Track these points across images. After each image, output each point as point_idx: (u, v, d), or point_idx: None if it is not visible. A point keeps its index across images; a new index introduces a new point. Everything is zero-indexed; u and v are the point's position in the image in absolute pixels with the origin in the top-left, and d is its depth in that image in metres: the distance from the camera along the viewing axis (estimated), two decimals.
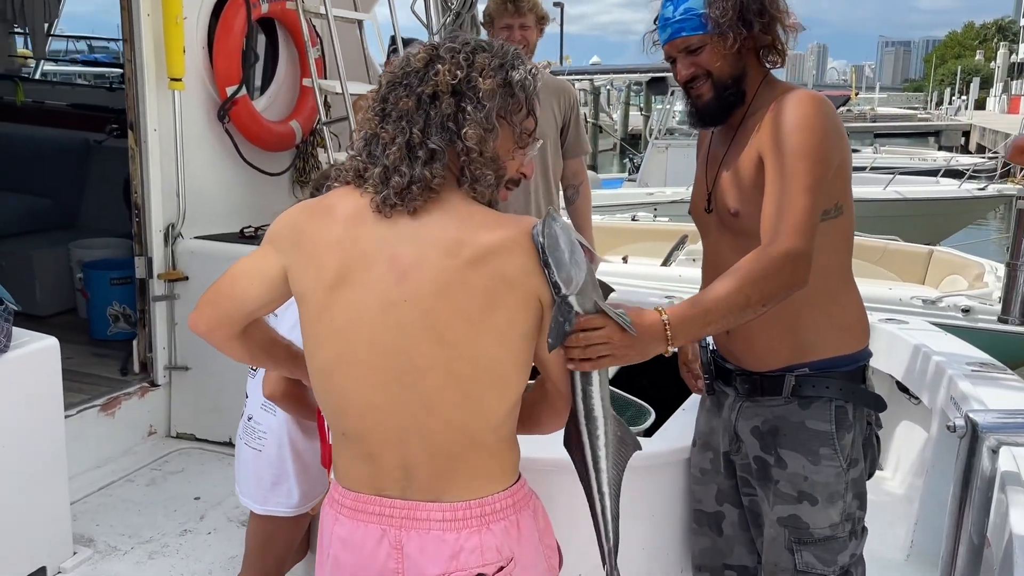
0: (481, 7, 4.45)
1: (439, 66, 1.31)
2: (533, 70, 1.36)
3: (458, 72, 1.30)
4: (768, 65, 1.75)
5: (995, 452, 1.87)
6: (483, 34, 4.57)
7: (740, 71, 1.70)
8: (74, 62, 10.00)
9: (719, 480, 1.92)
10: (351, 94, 3.52)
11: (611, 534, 1.43)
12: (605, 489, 1.41)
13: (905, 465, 3.27)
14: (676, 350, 1.75)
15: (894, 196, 10.91)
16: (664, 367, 2.59)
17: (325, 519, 1.45)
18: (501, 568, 1.35)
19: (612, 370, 2.49)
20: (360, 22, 4.01)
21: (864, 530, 1.82)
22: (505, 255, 1.29)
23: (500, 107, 1.31)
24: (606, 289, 1.41)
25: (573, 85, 3.95)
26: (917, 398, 3.06)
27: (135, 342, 3.81)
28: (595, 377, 1.37)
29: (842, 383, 1.72)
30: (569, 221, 1.38)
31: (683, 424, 2.14)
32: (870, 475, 1.84)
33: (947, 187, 12.23)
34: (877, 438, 1.84)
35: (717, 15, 1.63)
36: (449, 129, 1.30)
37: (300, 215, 1.41)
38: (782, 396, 1.74)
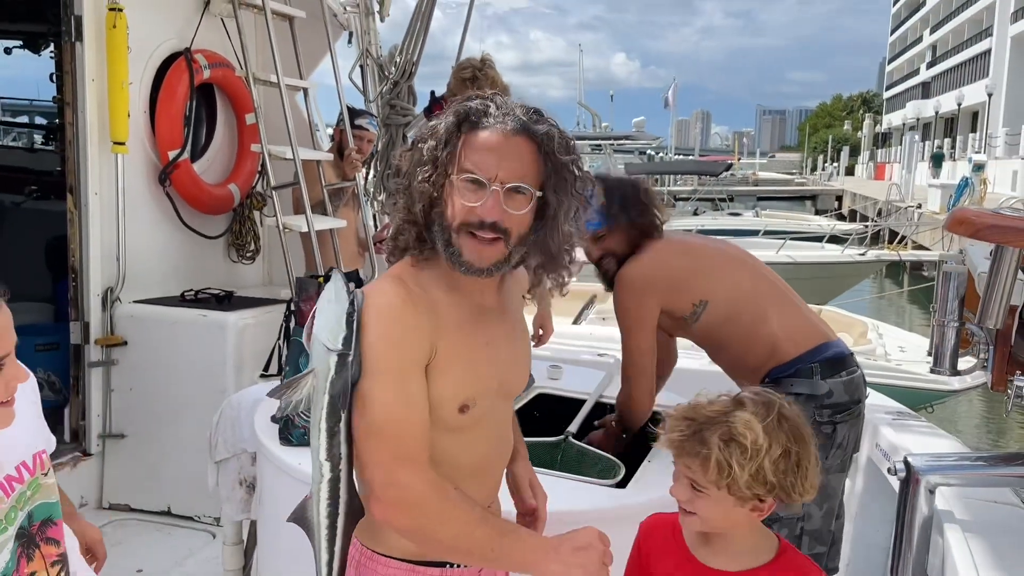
0: (420, 74, 4.63)
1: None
2: (435, 125, 1.35)
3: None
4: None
5: (932, 493, 2.10)
6: (419, 104, 4.73)
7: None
8: None
9: None
10: (301, 159, 3.59)
11: None
12: None
13: None
14: None
15: (785, 260, 11.71)
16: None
17: None
18: None
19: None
20: (306, 90, 4.10)
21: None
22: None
23: (407, 171, 1.38)
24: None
25: None
26: None
27: (66, 410, 3.68)
28: None
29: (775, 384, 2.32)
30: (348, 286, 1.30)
31: (654, 474, 2.19)
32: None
33: (832, 252, 13.23)
34: (833, 430, 2.31)
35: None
36: None
37: None
38: None
